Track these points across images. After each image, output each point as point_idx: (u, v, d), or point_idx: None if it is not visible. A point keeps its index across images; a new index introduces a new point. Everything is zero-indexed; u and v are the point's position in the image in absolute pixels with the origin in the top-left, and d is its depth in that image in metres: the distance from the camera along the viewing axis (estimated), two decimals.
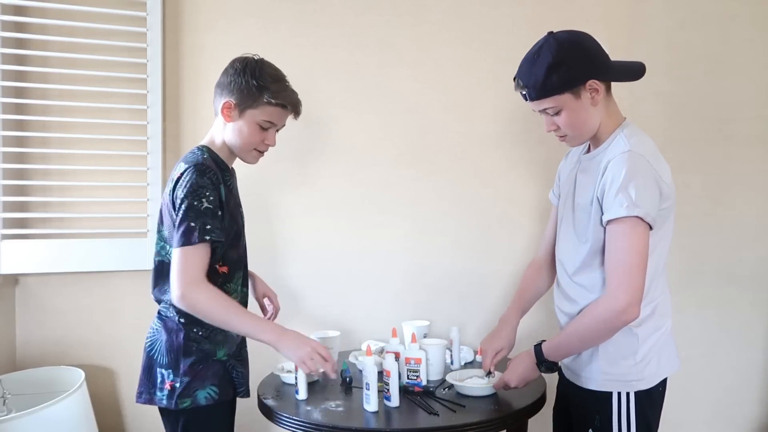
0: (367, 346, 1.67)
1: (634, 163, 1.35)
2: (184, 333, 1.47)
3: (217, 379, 1.49)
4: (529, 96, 1.43)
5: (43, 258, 2.11)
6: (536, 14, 2.24)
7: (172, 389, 1.45)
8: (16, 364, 2.21)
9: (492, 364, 1.67)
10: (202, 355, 1.48)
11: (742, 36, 2.22)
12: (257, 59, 1.55)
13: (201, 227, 1.40)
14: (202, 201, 1.41)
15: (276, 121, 1.55)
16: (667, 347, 1.48)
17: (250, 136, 1.52)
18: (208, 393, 1.47)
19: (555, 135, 1.50)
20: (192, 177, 1.42)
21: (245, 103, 1.50)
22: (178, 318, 1.47)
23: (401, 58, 2.27)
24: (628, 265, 1.33)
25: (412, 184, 2.28)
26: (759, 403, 2.26)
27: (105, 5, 2.16)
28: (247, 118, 1.51)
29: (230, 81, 1.51)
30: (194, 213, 1.40)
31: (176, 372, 1.45)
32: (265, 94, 1.50)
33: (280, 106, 1.52)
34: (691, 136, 2.23)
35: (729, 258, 2.24)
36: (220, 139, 1.56)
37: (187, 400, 1.45)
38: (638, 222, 1.33)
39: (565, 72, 1.37)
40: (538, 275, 1.74)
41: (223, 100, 1.51)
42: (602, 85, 1.41)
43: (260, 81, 1.50)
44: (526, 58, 1.44)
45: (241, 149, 1.55)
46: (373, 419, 1.54)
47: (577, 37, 1.41)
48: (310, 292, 2.27)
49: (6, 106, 2.11)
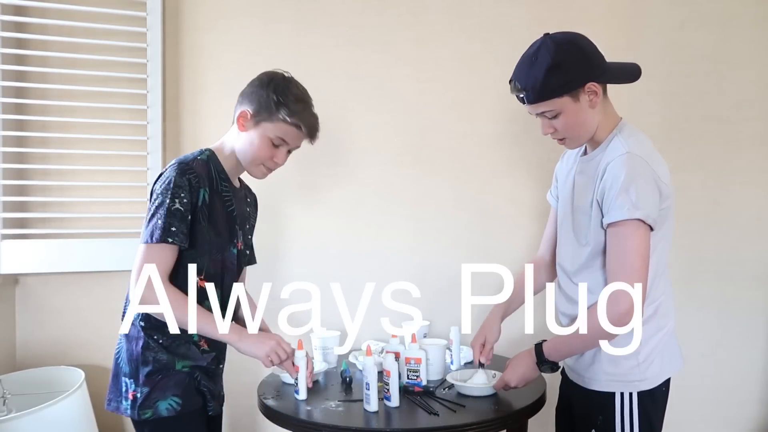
0: (367, 346, 1.67)
1: (633, 165, 1.34)
2: (143, 342, 1.42)
3: (180, 389, 1.43)
4: (528, 99, 1.41)
5: (43, 258, 2.11)
6: (536, 14, 2.23)
7: (134, 399, 1.41)
8: (16, 364, 2.21)
9: (482, 356, 1.67)
10: (159, 365, 1.42)
11: (742, 36, 2.21)
12: (286, 76, 1.52)
13: (166, 227, 1.37)
14: (175, 201, 1.38)
15: (289, 141, 1.50)
16: (670, 347, 1.48)
17: (259, 149, 1.49)
18: (169, 404, 1.41)
19: (552, 137, 1.49)
20: (171, 174, 1.40)
21: (261, 115, 1.47)
22: (139, 322, 1.43)
23: (401, 58, 2.27)
24: (630, 267, 1.33)
25: (413, 184, 2.28)
26: (759, 403, 2.26)
27: (105, 5, 2.16)
28: (260, 131, 1.48)
29: (252, 91, 1.50)
30: (164, 211, 1.38)
31: (137, 382, 1.41)
32: (282, 110, 1.46)
33: (294, 126, 1.48)
34: (691, 136, 2.23)
35: (729, 258, 2.24)
36: (230, 147, 1.53)
37: (149, 411, 1.40)
38: (639, 224, 1.33)
39: (564, 74, 1.36)
40: (535, 274, 1.73)
41: (241, 109, 1.50)
42: (600, 88, 1.41)
43: (281, 97, 1.47)
44: (522, 61, 1.42)
45: (249, 161, 1.51)
46: (373, 419, 1.54)
47: (574, 39, 1.40)
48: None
49: (6, 106, 2.11)
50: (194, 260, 1.44)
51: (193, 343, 1.47)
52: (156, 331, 1.43)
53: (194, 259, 1.44)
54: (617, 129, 1.44)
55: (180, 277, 1.43)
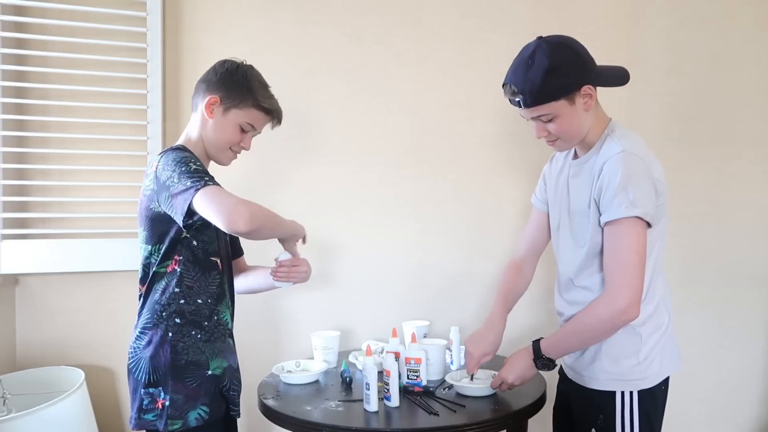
0: (367, 346, 1.67)
1: (629, 162, 1.35)
2: (175, 343, 1.40)
3: (209, 398, 1.42)
4: (524, 103, 1.39)
5: (43, 258, 2.11)
6: (536, 14, 2.24)
7: (162, 408, 1.38)
8: (16, 364, 2.21)
9: (476, 368, 1.66)
10: (193, 368, 1.41)
11: (743, 36, 2.22)
12: (248, 64, 1.56)
13: (199, 178, 1.31)
14: (190, 165, 1.35)
15: (256, 126, 1.55)
16: (669, 346, 1.48)
17: (229, 135, 1.51)
18: (198, 413, 1.40)
19: (545, 140, 1.48)
20: (171, 154, 1.39)
21: (231, 102, 1.50)
22: (173, 319, 1.41)
23: (401, 58, 2.27)
24: (627, 265, 1.34)
25: (412, 184, 2.28)
26: (759, 403, 2.26)
27: (105, 5, 2.15)
28: (230, 117, 1.51)
29: (219, 79, 1.51)
30: (188, 173, 1.32)
31: (166, 389, 1.38)
32: (252, 96, 1.51)
33: (264, 111, 1.54)
34: (691, 136, 2.23)
35: (729, 258, 2.24)
36: (196, 136, 1.53)
37: (178, 423, 1.37)
38: (637, 222, 1.34)
39: (561, 77, 1.36)
40: (518, 277, 1.73)
41: (207, 96, 1.50)
42: (595, 91, 1.40)
43: (250, 84, 1.51)
44: (517, 64, 1.41)
45: (218, 147, 1.53)
46: (373, 419, 1.54)
47: (569, 42, 1.40)
48: (310, 292, 2.27)
49: (6, 106, 2.11)
50: (212, 242, 1.47)
51: (229, 336, 1.51)
52: (194, 327, 1.43)
53: (212, 241, 1.47)
54: (608, 129, 1.45)
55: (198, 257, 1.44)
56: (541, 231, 1.71)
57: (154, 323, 1.42)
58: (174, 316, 1.42)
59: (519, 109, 1.44)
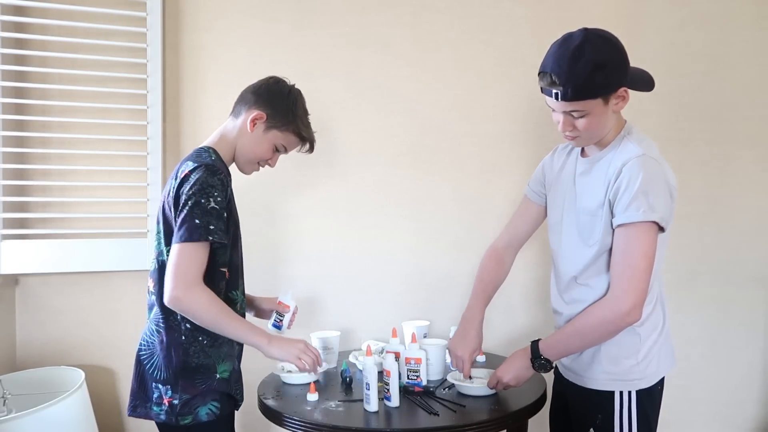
0: (367, 346, 1.67)
1: (650, 167, 1.34)
2: (186, 347, 1.42)
3: (219, 394, 1.46)
4: (564, 96, 1.30)
5: (43, 258, 2.11)
6: (536, 14, 2.24)
7: (170, 405, 1.41)
8: (16, 364, 2.21)
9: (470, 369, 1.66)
10: (201, 371, 1.44)
11: (742, 36, 2.22)
12: (297, 89, 1.61)
13: (205, 226, 1.37)
14: (210, 200, 1.39)
15: (289, 148, 1.61)
16: (666, 345, 1.48)
17: (263, 151, 1.57)
18: (209, 409, 1.44)
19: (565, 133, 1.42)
20: (202, 175, 1.40)
21: (274, 123, 1.55)
22: (184, 324, 1.42)
23: (401, 58, 2.27)
24: (636, 269, 1.33)
25: (412, 184, 2.28)
26: (759, 403, 2.26)
27: (105, 5, 2.16)
28: (269, 136, 1.56)
29: (270, 97, 1.55)
30: (200, 211, 1.37)
31: (175, 389, 1.42)
32: (295, 123, 1.56)
33: (300, 138, 1.60)
34: (691, 136, 2.23)
35: (728, 258, 2.24)
36: (231, 142, 1.55)
37: (188, 417, 1.42)
38: (651, 226, 1.34)
39: (607, 75, 1.30)
40: (499, 266, 1.72)
41: (256, 111, 1.53)
42: (628, 93, 1.37)
43: (296, 110, 1.57)
44: (561, 54, 1.30)
45: (248, 159, 1.58)
46: (373, 419, 1.54)
47: (613, 38, 1.34)
48: (311, 292, 2.27)
49: (6, 106, 2.11)
50: (225, 254, 1.47)
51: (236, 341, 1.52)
52: (200, 332, 1.44)
53: (225, 253, 1.47)
54: (625, 131, 1.43)
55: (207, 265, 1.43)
56: (528, 222, 1.70)
57: (169, 325, 1.44)
58: (186, 321, 1.43)
59: (549, 99, 1.36)
